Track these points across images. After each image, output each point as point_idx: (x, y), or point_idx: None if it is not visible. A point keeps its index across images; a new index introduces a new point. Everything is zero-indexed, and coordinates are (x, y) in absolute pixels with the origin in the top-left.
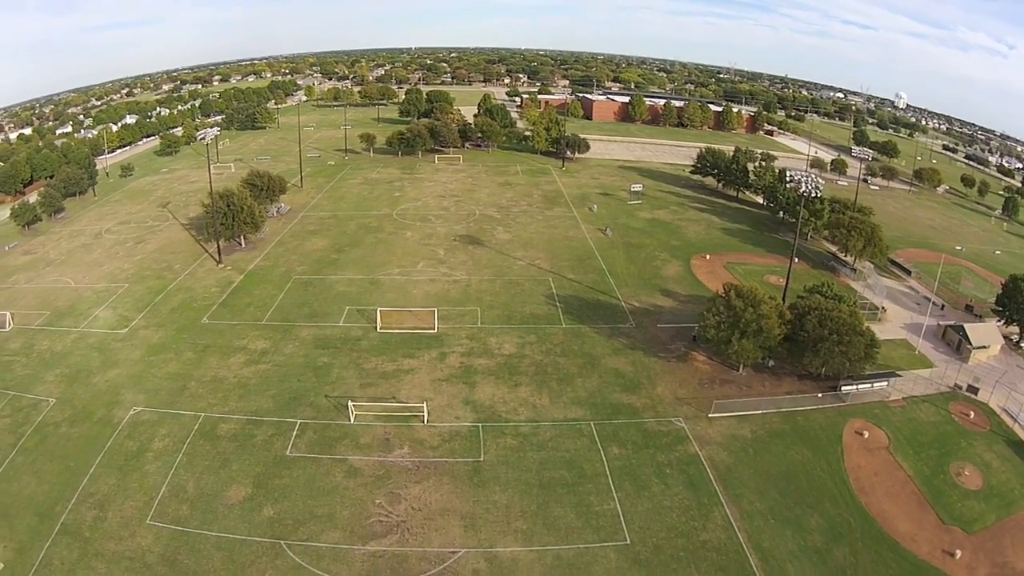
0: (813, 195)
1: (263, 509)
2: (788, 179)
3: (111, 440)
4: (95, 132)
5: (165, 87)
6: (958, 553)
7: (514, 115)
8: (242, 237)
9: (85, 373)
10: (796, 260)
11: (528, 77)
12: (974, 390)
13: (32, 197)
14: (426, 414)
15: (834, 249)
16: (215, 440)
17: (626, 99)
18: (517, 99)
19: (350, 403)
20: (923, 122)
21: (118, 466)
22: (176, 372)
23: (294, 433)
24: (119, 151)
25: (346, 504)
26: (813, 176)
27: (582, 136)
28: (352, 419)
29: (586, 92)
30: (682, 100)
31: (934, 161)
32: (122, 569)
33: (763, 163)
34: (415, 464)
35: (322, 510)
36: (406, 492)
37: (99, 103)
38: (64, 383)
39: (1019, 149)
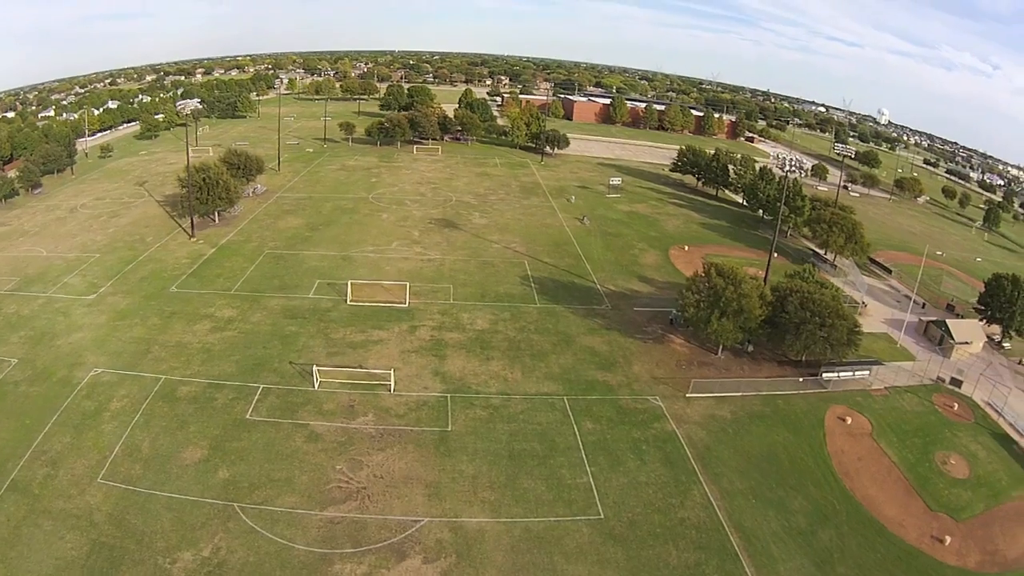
0: (795, 172)
1: (218, 471)
2: (773, 159)
3: (69, 399)
4: (76, 115)
5: (148, 78)
6: (948, 539)
7: (495, 113)
8: (216, 213)
9: (49, 336)
10: (776, 255)
11: (510, 80)
12: (957, 383)
13: (11, 173)
14: (393, 383)
15: (814, 246)
16: (174, 402)
17: (607, 101)
18: (498, 98)
19: (315, 368)
20: (905, 137)
21: (74, 425)
22: (140, 336)
23: (255, 397)
24: (100, 134)
25: (305, 469)
26: (796, 157)
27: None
28: (316, 385)
29: (567, 94)
30: (664, 104)
31: (915, 174)
32: (68, 527)
33: (743, 164)
34: (379, 431)
35: (280, 474)
36: (368, 459)
37: (83, 91)
38: (27, 345)
39: (1000, 167)
